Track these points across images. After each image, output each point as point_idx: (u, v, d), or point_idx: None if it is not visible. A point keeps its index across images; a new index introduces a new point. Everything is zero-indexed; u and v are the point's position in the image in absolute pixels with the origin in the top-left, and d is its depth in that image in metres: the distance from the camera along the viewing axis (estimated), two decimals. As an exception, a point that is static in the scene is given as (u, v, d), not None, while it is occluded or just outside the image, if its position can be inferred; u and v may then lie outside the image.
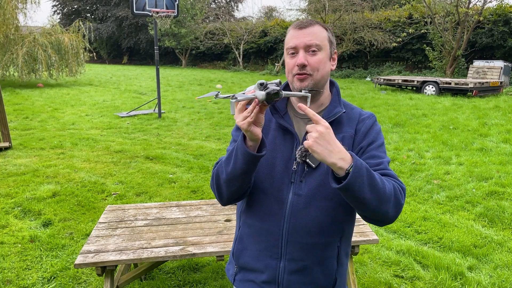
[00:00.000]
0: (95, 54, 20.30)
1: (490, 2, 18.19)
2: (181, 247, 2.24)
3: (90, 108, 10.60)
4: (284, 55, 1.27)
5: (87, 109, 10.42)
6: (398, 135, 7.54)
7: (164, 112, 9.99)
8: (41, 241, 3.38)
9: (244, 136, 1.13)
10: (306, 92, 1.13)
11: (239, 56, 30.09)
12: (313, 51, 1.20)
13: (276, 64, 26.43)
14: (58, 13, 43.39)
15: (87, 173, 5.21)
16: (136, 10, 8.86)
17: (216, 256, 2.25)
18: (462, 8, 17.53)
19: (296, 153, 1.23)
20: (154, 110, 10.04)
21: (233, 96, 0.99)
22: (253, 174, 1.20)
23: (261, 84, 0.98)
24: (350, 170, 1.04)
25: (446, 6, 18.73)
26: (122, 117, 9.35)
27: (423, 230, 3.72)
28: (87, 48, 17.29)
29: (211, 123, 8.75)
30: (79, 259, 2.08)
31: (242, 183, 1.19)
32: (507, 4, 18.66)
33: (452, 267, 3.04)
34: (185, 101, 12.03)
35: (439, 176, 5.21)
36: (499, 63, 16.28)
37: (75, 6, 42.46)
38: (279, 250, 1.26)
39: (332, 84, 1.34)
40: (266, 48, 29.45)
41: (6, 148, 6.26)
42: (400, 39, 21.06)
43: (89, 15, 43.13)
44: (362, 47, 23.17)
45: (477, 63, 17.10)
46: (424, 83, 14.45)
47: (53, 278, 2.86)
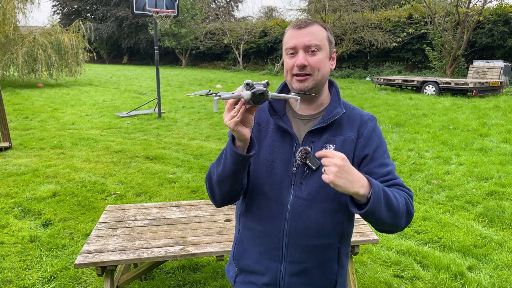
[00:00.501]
0: (95, 54, 20.28)
1: (490, 2, 18.20)
2: (181, 247, 2.23)
3: (90, 108, 10.60)
4: (283, 55, 1.27)
5: (87, 109, 10.42)
6: (398, 135, 7.54)
7: (164, 112, 9.99)
8: (41, 241, 3.38)
9: (234, 137, 1.12)
10: (296, 95, 1.12)
11: (239, 56, 30.09)
12: (313, 51, 1.19)
13: (276, 64, 26.43)
14: (58, 13, 43.42)
15: (87, 173, 5.21)
16: (136, 10, 8.86)
17: (216, 256, 2.25)
18: (462, 8, 17.53)
19: (297, 155, 1.22)
20: (154, 110, 10.04)
21: (217, 94, 1.00)
22: (244, 175, 1.19)
23: (248, 84, 0.98)
24: (370, 196, 1.06)
25: (446, 6, 18.73)
26: (122, 117, 9.35)
27: (423, 230, 3.72)
28: (87, 48, 17.29)
29: (211, 123, 8.75)
30: (79, 259, 2.08)
31: (233, 184, 1.18)
32: (507, 4, 18.66)
33: (452, 267, 3.04)
34: (185, 101, 12.03)
35: (439, 176, 5.21)
36: (499, 63, 16.28)
37: (75, 6, 42.46)
38: (280, 253, 1.26)
39: (331, 84, 1.33)
40: (266, 48, 29.45)
41: (6, 148, 6.26)
42: (400, 39, 21.07)
43: (89, 15, 43.13)
44: (362, 47, 23.17)
45: (477, 63, 17.10)
46: (424, 83, 14.45)
47: (53, 278, 2.86)
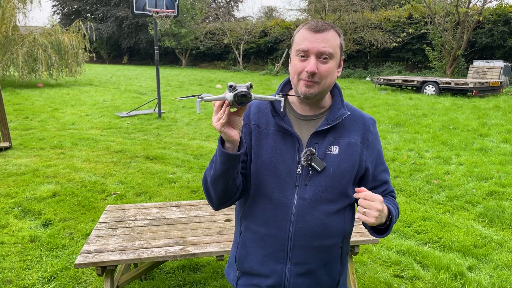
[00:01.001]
0: (95, 54, 20.26)
1: (490, 2, 18.22)
2: (181, 247, 2.24)
3: (90, 108, 10.60)
4: (292, 54, 1.23)
5: (87, 109, 10.42)
6: (398, 135, 7.53)
7: (164, 112, 9.99)
8: (41, 241, 3.38)
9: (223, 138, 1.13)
10: (280, 96, 1.13)
11: (239, 56, 30.09)
12: (325, 59, 1.16)
13: (276, 64, 26.41)
14: (58, 13, 43.42)
15: (87, 173, 5.21)
16: (136, 10, 8.86)
17: (216, 256, 2.25)
18: (462, 8, 17.53)
19: (302, 156, 1.21)
20: (154, 110, 10.04)
21: (200, 96, 1.03)
22: (236, 175, 1.18)
23: (230, 86, 1.00)
24: (389, 223, 1.23)
25: (446, 6, 18.73)
26: (122, 117, 9.35)
27: (423, 230, 3.72)
28: (87, 48, 17.29)
29: (211, 123, 8.72)
30: (79, 259, 2.08)
31: (226, 184, 1.17)
32: (507, 4, 18.66)
33: (452, 267, 3.04)
34: (185, 101, 12.04)
35: (439, 176, 5.21)
36: (499, 63, 16.28)
37: (75, 6, 42.47)
38: (285, 254, 1.25)
39: (333, 85, 1.31)
40: (266, 48, 29.45)
41: (6, 148, 6.26)
42: (400, 39, 21.07)
43: (89, 15, 43.14)
44: (362, 47, 23.17)
45: (477, 63, 17.10)
46: (424, 83, 14.45)
47: (53, 278, 2.86)
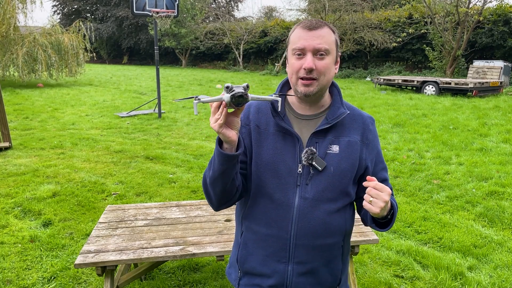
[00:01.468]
0: (95, 54, 20.26)
1: (490, 2, 18.20)
2: (181, 247, 2.24)
3: (90, 108, 10.60)
4: (288, 55, 1.24)
5: (87, 109, 10.42)
6: (398, 135, 7.53)
7: (164, 112, 9.99)
8: (41, 241, 3.38)
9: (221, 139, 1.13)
10: (276, 96, 1.13)
11: (239, 56, 30.08)
12: (321, 55, 1.17)
13: (276, 64, 26.42)
14: (58, 13, 43.42)
15: (87, 173, 5.21)
16: (136, 10, 8.86)
17: (216, 256, 2.25)
18: (462, 8, 17.53)
19: (302, 156, 1.22)
20: (154, 110, 10.04)
21: (197, 98, 1.04)
22: (235, 175, 1.18)
23: (227, 87, 1.01)
24: (391, 216, 1.24)
25: (446, 6, 18.73)
26: (122, 117, 9.35)
27: (423, 230, 3.72)
28: (87, 48, 17.30)
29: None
30: (79, 259, 2.08)
31: (225, 185, 1.17)
32: (507, 4, 18.66)
33: (452, 267, 3.04)
34: (185, 101, 12.03)
35: (439, 176, 5.21)
36: (499, 63, 16.28)
37: (75, 6, 42.47)
38: (287, 254, 1.26)
39: (332, 84, 1.32)
40: (266, 48, 29.45)
41: (6, 148, 6.26)
42: (400, 39, 21.07)
43: (89, 15, 43.14)
44: (362, 47, 23.17)
45: (477, 63, 17.10)
46: (424, 83, 14.45)
47: (53, 278, 2.86)
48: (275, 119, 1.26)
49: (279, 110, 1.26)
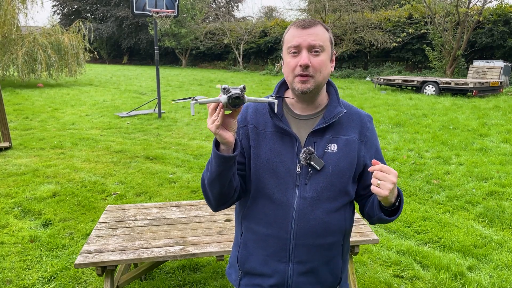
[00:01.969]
0: (96, 54, 20.27)
1: (490, 2, 18.20)
2: (181, 247, 2.24)
3: (90, 108, 10.60)
4: (284, 54, 1.25)
5: (87, 109, 10.42)
6: (398, 135, 7.53)
7: (164, 112, 9.99)
8: (41, 241, 3.38)
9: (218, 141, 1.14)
10: (273, 98, 1.14)
11: (239, 56, 30.09)
12: (316, 52, 1.18)
13: (276, 64, 26.44)
14: (58, 13, 43.42)
15: (87, 173, 5.21)
16: (136, 10, 8.86)
17: (216, 256, 2.25)
18: (462, 8, 17.53)
19: (301, 156, 1.22)
20: (154, 110, 10.04)
21: (194, 98, 1.06)
22: (232, 177, 1.18)
23: (224, 89, 1.03)
24: (398, 204, 1.23)
25: (446, 6, 18.73)
26: (122, 117, 9.35)
27: (423, 230, 3.72)
28: (87, 48, 17.30)
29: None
30: (79, 259, 2.08)
31: (222, 186, 1.18)
32: (507, 4, 18.67)
33: (452, 267, 3.04)
34: (185, 101, 12.03)
35: (439, 176, 5.21)
36: (499, 63, 16.28)
37: (75, 6, 42.47)
38: (287, 254, 1.26)
39: (329, 84, 1.33)
40: (266, 48, 29.46)
41: (6, 148, 6.26)
42: (400, 39, 21.07)
43: (89, 15, 43.14)
44: (362, 47, 23.17)
45: (477, 63, 17.10)
46: (424, 83, 14.45)
47: (53, 278, 2.87)
48: (273, 120, 1.26)
49: (277, 111, 1.26)
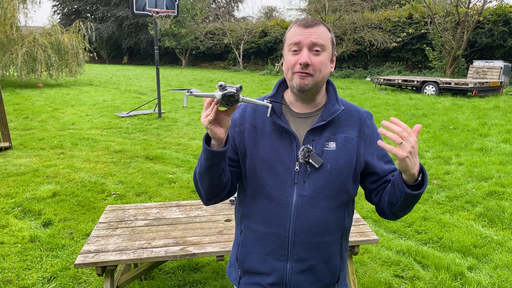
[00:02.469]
0: (95, 54, 20.28)
1: (490, 2, 18.17)
2: (181, 247, 2.24)
3: (90, 108, 10.60)
4: (284, 52, 1.25)
5: (87, 109, 10.42)
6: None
7: (164, 112, 9.99)
8: (41, 241, 3.38)
9: (209, 136, 1.16)
10: (268, 102, 1.14)
11: (239, 56, 30.09)
12: (317, 51, 1.18)
13: (276, 64, 26.43)
14: (58, 13, 43.41)
15: (87, 173, 5.21)
16: (136, 10, 8.86)
17: (216, 256, 2.25)
18: (462, 8, 17.53)
19: (299, 154, 1.22)
20: (154, 110, 10.04)
21: (189, 90, 1.08)
22: (222, 172, 1.20)
23: (220, 86, 1.04)
24: (422, 178, 1.15)
25: (446, 6, 18.73)
26: (122, 117, 9.35)
27: (423, 230, 3.72)
28: (87, 48, 17.29)
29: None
30: (79, 259, 2.08)
31: (212, 180, 1.20)
32: (507, 4, 18.67)
33: (452, 267, 3.04)
34: (184, 102, 12.02)
35: (439, 176, 5.21)
36: (499, 63, 16.28)
37: (75, 6, 42.46)
38: (286, 252, 1.26)
39: (328, 82, 1.33)
40: (266, 48, 29.46)
41: (6, 148, 6.26)
42: (400, 39, 21.07)
43: (89, 15, 43.14)
44: (362, 47, 23.17)
45: (477, 63, 17.10)
46: (424, 83, 14.45)
47: (53, 278, 2.87)
48: (272, 118, 1.27)
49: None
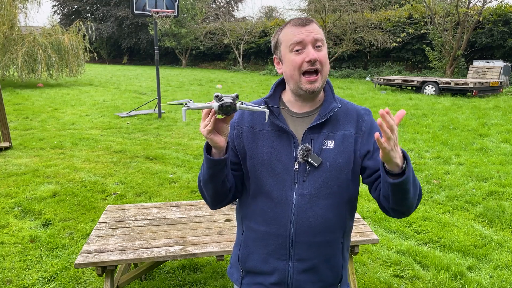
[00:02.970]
0: (96, 54, 20.28)
1: (490, 2, 18.16)
2: (181, 247, 2.24)
3: (90, 108, 10.60)
4: (283, 54, 1.24)
5: (87, 109, 10.42)
6: (398, 135, 7.52)
7: (164, 112, 9.99)
8: (41, 241, 3.38)
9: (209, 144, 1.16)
10: (265, 108, 1.15)
11: (239, 56, 30.09)
12: (318, 47, 1.19)
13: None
14: (58, 13, 43.40)
15: (87, 173, 5.21)
16: (136, 10, 8.86)
17: (216, 256, 2.25)
18: (462, 8, 17.53)
19: (298, 153, 1.23)
20: (154, 110, 10.04)
21: (186, 104, 1.08)
22: (225, 178, 1.21)
23: (217, 97, 1.05)
24: (405, 166, 1.07)
25: (446, 6, 18.73)
26: (122, 117, 9.35)
27: (423, 230, 3.72)
28: (88, 48, 17.29)
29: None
30: (79, 259, 2.08)
31: (215, 186, 1.21)
32: (507, 4, 18.66)
33: (452, 267, 3.04)
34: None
35: (439, 176, 5.21)
36: (499, 63, 16.28)
37: (75, 6, 42.45)
38: (287, 252, 1.26)
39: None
40: (266, 48, 29.43)
41: (6, 148, 6.26)
42: (400, 39, 21.07)
43: (89, 15, 43.13)
44: (362, 47, 23.16)
45: (477, 63, 17.10)
46: (424, 83, 14.45)
47: (53, 278, 2.87)
48: (270, 118, 1.27)
49: (273, 110, 1.28)
